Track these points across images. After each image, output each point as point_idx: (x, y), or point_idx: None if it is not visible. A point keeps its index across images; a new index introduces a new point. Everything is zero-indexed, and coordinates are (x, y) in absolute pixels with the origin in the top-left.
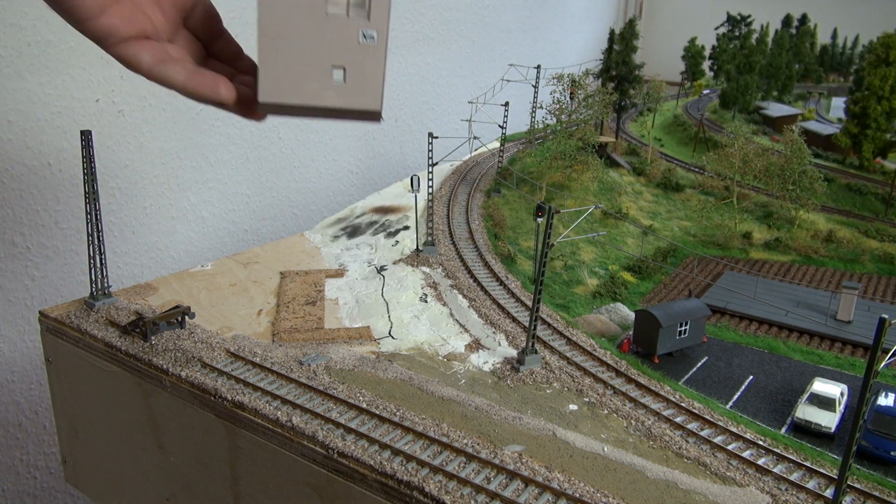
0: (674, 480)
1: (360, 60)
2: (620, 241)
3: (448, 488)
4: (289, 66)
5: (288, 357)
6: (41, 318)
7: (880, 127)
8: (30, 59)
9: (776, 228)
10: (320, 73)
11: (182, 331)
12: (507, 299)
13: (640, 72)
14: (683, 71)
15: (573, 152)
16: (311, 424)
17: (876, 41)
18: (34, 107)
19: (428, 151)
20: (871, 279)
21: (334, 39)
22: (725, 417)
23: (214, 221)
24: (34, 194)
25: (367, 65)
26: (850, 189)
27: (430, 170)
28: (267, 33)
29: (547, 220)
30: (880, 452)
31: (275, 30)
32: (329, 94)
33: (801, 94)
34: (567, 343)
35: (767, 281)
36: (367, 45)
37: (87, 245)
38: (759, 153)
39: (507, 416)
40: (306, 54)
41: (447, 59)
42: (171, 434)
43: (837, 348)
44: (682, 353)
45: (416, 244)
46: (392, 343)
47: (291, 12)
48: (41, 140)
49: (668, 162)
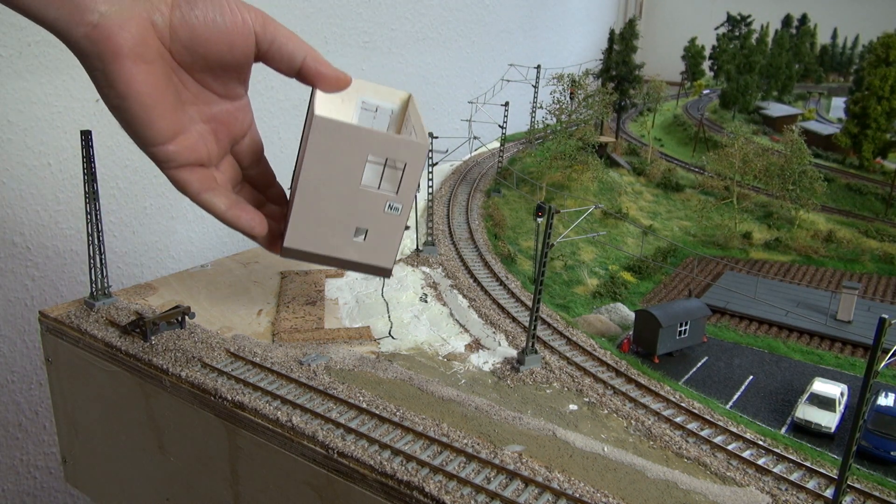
0: (674, 480)
1: (382, 226)
2: (620, 241)
3: (448, 488)
4: (317, 222)
5: (288, 357)
6: (41, 318)
7: (880, 127)
8: (30, 59)
9: (776, 228)
10: (344, 231)
11: (182, 331)
12: (507, 299)
13: (640, 72)
14: (683, 71)
15: (573, 152)
16: (311, 424)
17: (876, 41)
18: (34, 107)
19: (428, 151)
20: (871, 279)
21: (362, 207)
22: (725, 417)
23: (214, 221)
24: (34, 194)
25: (387, 230)
26: (850, 189)
27: (430, 170)
28: (303, 192)
29: (547, 220)
30: (880, 452)
31: (311, 191)
32: (349, 249)
33: (801, 94)
34: (567, 343)
35: (767, 281)
36: (390, 214)
37: (87, 245)
38: (759, 153)
39: (507, 416)
40: (335, 215)
41: (447, 59)
42: (171, 434)
43: (837, 348)
44: (682, 353)
45: (416, 244)
46: (392, 343)
47: (329, 181)
48: (41, 140)
49: (668, 162)
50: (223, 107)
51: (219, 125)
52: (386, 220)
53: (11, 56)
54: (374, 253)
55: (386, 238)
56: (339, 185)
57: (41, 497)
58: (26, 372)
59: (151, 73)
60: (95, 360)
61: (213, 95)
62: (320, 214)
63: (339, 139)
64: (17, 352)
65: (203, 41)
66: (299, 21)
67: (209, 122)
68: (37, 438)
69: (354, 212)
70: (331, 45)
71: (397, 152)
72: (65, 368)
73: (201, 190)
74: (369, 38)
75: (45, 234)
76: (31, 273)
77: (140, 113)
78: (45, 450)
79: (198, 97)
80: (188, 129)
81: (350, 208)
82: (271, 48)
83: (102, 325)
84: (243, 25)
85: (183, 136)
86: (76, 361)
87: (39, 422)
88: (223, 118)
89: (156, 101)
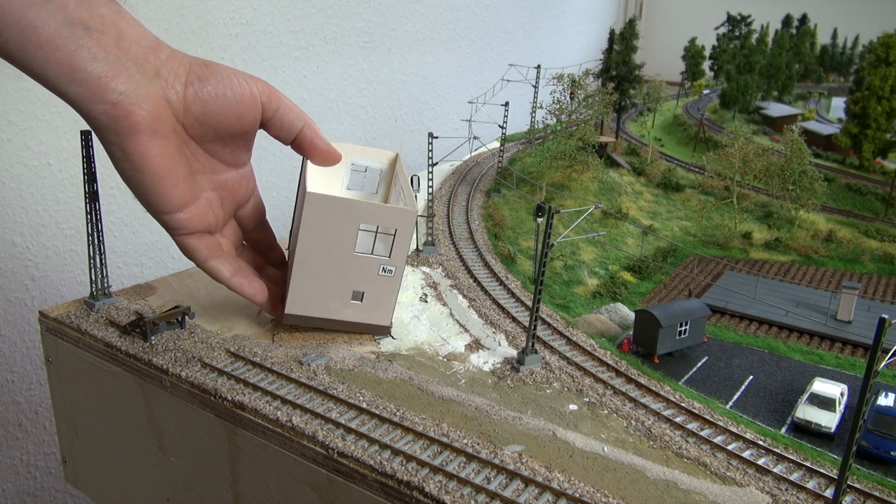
0: (674, 480)
1: (378, 288)
2: (620, 241)
3: (448, 488)
4: (315, 288)
5: (288, 357)
6: (41, 318)
7: (880, 127)
8: None
9: (776, 228)
10: (342, 294)
11: (182, 331)
12: (507, 299)
13: (640, 72)
14: (683, 71)
15: (573, 152)
16: (311, 424)
17: (876, 41)
18: (34, 107)
19: (428, 151)
20: (871, 279)
21: (357, 271)
22: (725, 417)
23: None
24: (34, 194)
25: (382, 291)
26: (850, 189)
27: (430, 170)
28: (301, 262)
29: (547, 220)
30: (880, 452)
31: (308, 261)
32: (347, 311)
33: (801, 94)
34: (567, 343)
35: (767, 281)
36: (385, 276)
37: (87, 245)
38: (759, 153)
39: (507, 416)
40: (332, 280)
41: (447, 59)
42: (171, 434)
43: (837, 348)
44: (682, 353)
45: (416, 244)
46: (392, 343)
47: (325, 250)
48: (41, 140)
49: (668, 162)
50: (229, 174)
51: (225, 192)
52: (381, 282)
53: None
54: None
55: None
56: (334, 253)
57: (41, 497)
58: (26, 372)
59: (166, 147)
60: (95, 360)
61: (221, 164)
62: (318, 281)
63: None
64: (17, 352)
65: (215, 114)
66: (299, 21)
67: (216, 189)
68: (37, 438)
69: (350, 276)
70: (331, 45)
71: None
72: (65, 368)
73: (208, 257)
74: (369, 38)
75: (45, 234)
76: (31, 273)
77: (154, 183)
78: (45, 450)
79: (206, 166)
80: (198, 198)
81: (346, 273)
82: (274, 116)
83: (102, 325)
84: (251, 97)
85: (194, 205)
86: (76, 361)
87: (39, 422)
88: (229, 185)
89: (168, 173)
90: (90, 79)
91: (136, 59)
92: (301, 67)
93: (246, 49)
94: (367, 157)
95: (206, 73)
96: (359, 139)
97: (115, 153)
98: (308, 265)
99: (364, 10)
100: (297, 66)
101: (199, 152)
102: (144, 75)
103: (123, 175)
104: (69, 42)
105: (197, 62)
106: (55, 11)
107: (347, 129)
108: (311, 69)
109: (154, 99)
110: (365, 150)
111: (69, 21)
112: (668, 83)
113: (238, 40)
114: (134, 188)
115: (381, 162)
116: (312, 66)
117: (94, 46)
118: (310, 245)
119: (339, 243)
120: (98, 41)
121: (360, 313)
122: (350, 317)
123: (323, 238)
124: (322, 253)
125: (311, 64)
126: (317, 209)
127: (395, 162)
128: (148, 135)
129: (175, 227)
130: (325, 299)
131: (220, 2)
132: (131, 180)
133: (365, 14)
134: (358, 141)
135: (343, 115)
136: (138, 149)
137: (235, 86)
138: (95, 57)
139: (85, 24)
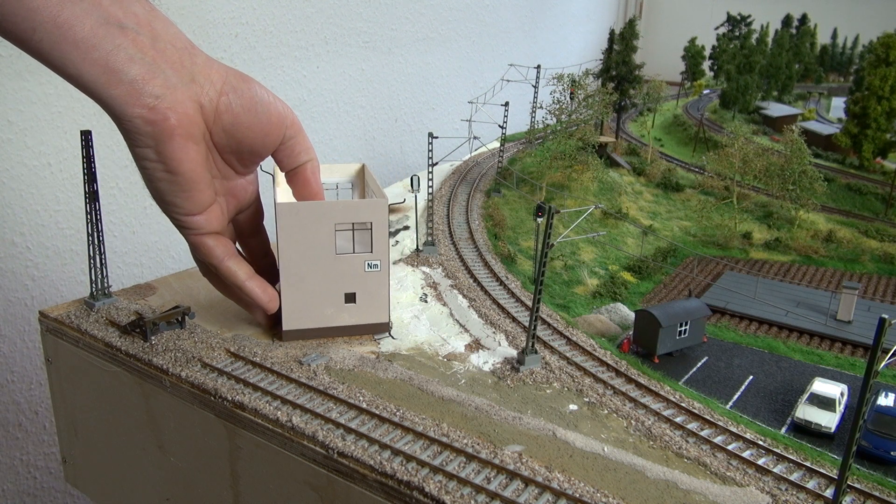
0: (674, 480)
1: (368, 285)
2: (620, 241)
3: (448, 488)
4: (308, 299)
5: (288, 357)
6: (41, 318)
7: (880, 127)
8: (30, 59)
9: (776, 228)
10: (334, 299)
11: (182, 331)
12: (507, 299)
13: (640, 72)
14: (683, 71)
15: (573, 152)
16: (311, 424)
17: (876, 41)
18: (34, 107)
19: (428, 151)
20: (871, 279)
21: (344, 272)
22: (725, 417)
23: None
24: (34, 194)
25: (373, 287)
26: (850, 189)
27: (430, 170)
28: (287, 276)
29: (547, 220)
30: (880, 452)
31: (294, 272)
32: (343, 315)
33: (801, 94)
34: (567, 343)
35: (767, 281)
36: (372, 271)
37: (87, 245)
38: (759, 153)
39: (507, 416)
40: (322, 287)
41: (447, 59)
42: (171, 434)
43: (837, 348)
44: (682, 353)
45: (416, 244)
46: (392, 343)
47: (307, 257)
48: (41, 140)
49: (668, 162)
50: (237, 181)
51: (230, 197)
52: (370, 279)
53: (11, 56)
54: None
55: (375, 295)
56: (317, 259)
57: (41, 497)
58: (26, 372)
59: (199, 152)
60: (95, 360)
61: (232, 172)
62: (308, 291)
63: (303, 218)
64: (17, 352)
65: (244, 127)
66: (299, 21)
67: (225, 194)
68: (37, 438)
69: (338, 279)
70: (331, 45)
71: (360, 214)
72: (65, 368)
73: (225, 257)
74: (369, 39)
75: (45, 234)
76: (31, 273)
77: (186, 186)
78: (45, 450)
79: (220, 172)
80: (215, 201)
81: (333, 276)
82: (290, 142)
83: (102, 325)
84: (279, 117)
85: (211, 208)
86: (76, 361)
87: (39, 422)
88: (235, 190)
89: (199, 177)
90: (126, 81)
91: (172, 61)
92: (301, 67)
93: (246, 49)
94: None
95: (241, 85)
96: (359, 139)
97: (147, 155)
98: (294, 277)
99: (364, 10)
100: (297, 66)
101: (217, 159)
102: (180, 79)
103: (152, 176)
104: (105, 41)
105: (234, 74)
106: (89, 9)
107: (347, 129)
108: (311, 69)
109: (189, 103)
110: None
111: (104, 19)
112: (668, 83)
113: (238, 40)
114: (162, 189)
115: (349, 175)
116: (312, 66)
117: (131, 47)
118: (291, 256)
119: (319, 248)
120: (134, 41)
121: (357, 315)
122: (348, 321)
123: (302, 246)
124: (305, 261)
125: (311, 64)
126: (289, 218)
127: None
128: (184, 139)
129: (193, 227)
130: (319, 308)
131: (220, 2)
132: (161, 181)
133: (365, 14)
134: (358, 141)
135: (343, 115)
136: (175, 153)
137: (268, 103)
138: (132, 58)
139: (120, 22)
